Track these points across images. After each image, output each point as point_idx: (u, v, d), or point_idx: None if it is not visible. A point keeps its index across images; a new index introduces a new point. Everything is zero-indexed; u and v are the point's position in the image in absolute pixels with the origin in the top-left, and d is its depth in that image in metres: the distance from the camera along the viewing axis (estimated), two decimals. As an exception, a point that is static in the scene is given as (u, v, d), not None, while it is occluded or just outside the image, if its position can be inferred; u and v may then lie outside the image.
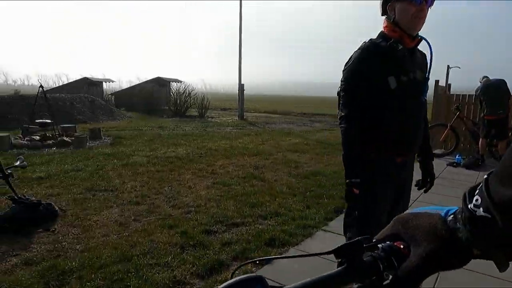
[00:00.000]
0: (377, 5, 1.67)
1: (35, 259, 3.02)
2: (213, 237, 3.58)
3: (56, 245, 3.29)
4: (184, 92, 19.89)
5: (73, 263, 2.92)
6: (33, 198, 3.86)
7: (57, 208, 3.97)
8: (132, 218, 4.05)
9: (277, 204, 4.60)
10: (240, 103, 18.30)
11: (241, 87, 18.23)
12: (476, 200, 0.43)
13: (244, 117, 18.56)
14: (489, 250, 0.44)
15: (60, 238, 3.47)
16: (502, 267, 0.45)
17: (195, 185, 5.49)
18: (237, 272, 0.66)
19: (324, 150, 9.08)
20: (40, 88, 8.93)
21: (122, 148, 8.41)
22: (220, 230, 3.73)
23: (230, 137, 11.10)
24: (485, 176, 0.43)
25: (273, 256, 2.32)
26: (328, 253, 0.51)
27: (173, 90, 21.12)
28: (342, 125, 1.65)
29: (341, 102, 1.68)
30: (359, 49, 1.65)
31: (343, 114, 1.66)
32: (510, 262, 0.45)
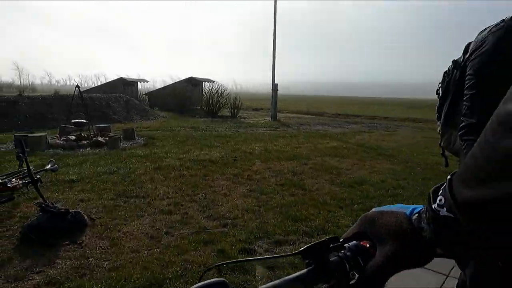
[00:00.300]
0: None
1: (59, 278, 2.72)
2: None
3: (82, 261, 2.99)
4: (216, 92, 19.72)
5: (99, 286, 2.59)
6: (61, 206, 3.61)
7: (85, 217, 3.70)
8: (164, 230, 3.71)
9: (323, 218, 4.10)
10: (273, 103, 17.83)
11: (274, 87, 17.76)
12: (440, 200, 0.44)
13: (277, 117, 18.08)
14: (452, 249, 0.46)
15: (87, 252, 3.17)
16: (463, 266, 0.58)
17: (230, 192, 5.10)
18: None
19: (366, 154, 8.42)
20: (76, 88, 8.94)
21: (155, 149, 8.21)
22: (261, 249, 3.29)
23: (264, 139, 10.68)
24: (449, 177, 0.44)
25: (243, 259, 2.01)
26: (296, 254, 0.52)
27: (206, 90, 21.03)
28: (469, 137, 1.13)
29: (465, 104, 1.16)
30: (496, 28, 1.11)
31: (473, 121, 1.13)
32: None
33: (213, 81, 22.95)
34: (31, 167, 5.41)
